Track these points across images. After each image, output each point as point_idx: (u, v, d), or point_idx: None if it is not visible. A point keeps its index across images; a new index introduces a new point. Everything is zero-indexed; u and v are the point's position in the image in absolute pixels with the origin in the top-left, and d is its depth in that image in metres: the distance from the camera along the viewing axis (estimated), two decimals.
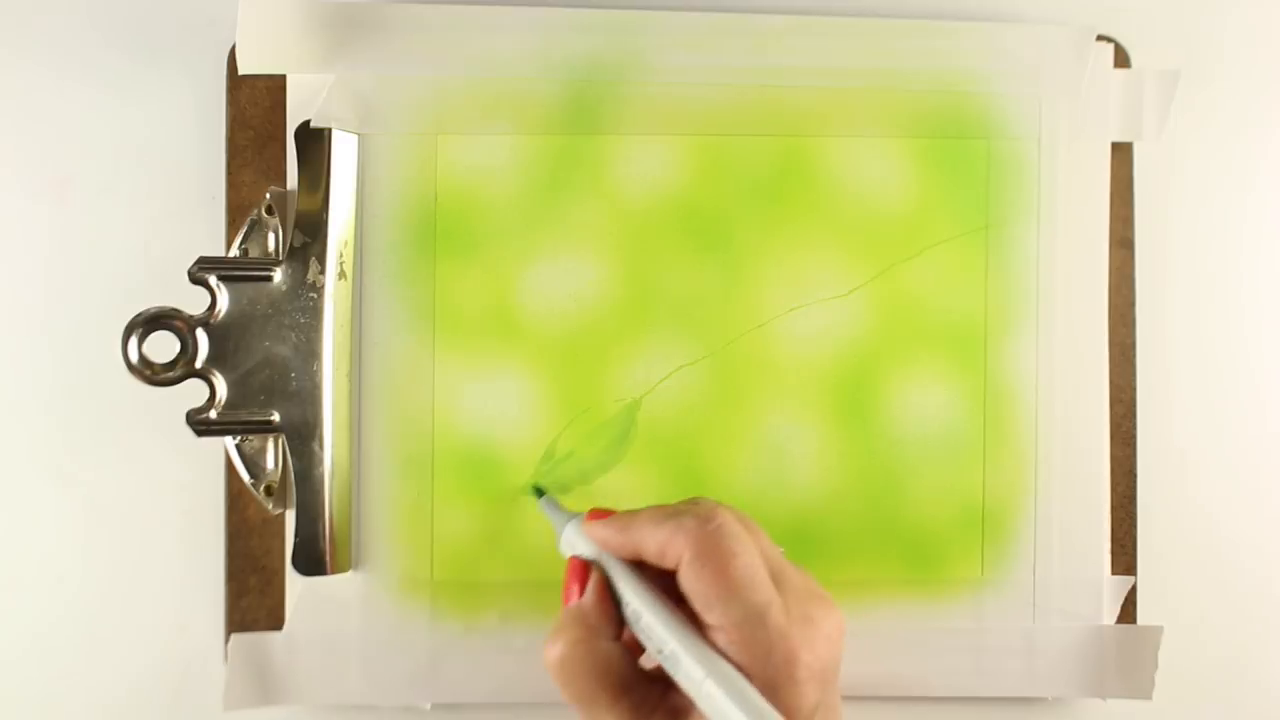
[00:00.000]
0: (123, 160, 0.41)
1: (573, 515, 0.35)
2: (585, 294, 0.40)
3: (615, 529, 0.33)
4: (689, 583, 0.31)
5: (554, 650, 0.32)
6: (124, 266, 0.41)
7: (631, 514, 0.33)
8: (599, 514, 0.34)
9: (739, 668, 0.30)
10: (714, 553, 0.31)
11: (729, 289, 0.41)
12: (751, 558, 0.31)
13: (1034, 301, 0.41)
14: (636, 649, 0.33)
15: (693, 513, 0.32)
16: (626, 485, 0.40)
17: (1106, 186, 0.42)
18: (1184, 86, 0.42)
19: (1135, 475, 0.42)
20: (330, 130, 0.39)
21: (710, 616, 0.31)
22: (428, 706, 0.40)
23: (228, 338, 0.38)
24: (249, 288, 0.39)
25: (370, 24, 0.40)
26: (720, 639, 0.31)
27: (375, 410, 0.40)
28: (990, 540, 0.41)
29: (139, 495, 0.41)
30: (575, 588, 0.33)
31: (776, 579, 0.32)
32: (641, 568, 0.33)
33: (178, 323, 0.38)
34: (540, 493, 0.39)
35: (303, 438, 0.39)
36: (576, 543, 0.34)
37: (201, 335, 0.38)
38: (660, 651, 0.31)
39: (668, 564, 0.32)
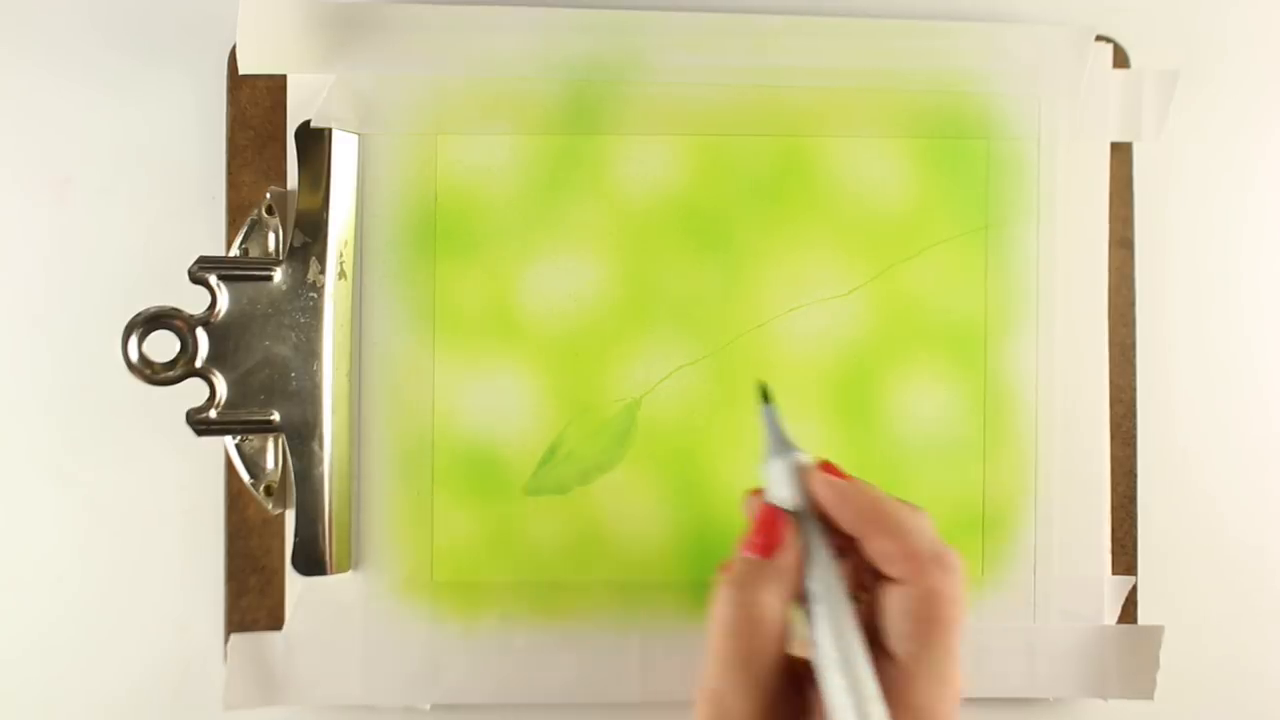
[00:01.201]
0: (123, 160, 0.41)
1: (795, 450, 0.31)
2: (585, 294, 0.40)
3: (855, 502, 0.30)
4: (897, 611, 0.29)
5: (728, 605, 0.29)
6: (124, 266, 0.41)
7: (874, 494, 0.30)
8: (832, 469, 0.31)
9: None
10: (941, 611, 0.29)
11: (729, 289, 0.41)
12: (962, 630, 0.29)
13: (1034, 301, 0.41)
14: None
15: (934, 544, 0.29)
16: (626, 485, 0.40)
17: (1106, 186, 0.42)
18: (1184, 86, 0.42)
19: (1135, 475, 0.42)
20: (330, 130, 0.39)
21: (895, 648, 0.29)
22: (428, 707, 0.40)
23: (228, 337, 0.38)
24: (249, 287, 0.39)
25: (370, 24, 0.40)
26: (889, 670, 0.29)
27: (375, 410, 0.40)
28: (990, 540, 0.41)
29: (139, 495, 0.41)
30: (762, 538, 0.30)
31: None
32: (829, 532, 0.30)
33: (178, 322, 0.38)
34: (767, 398, 0.33)
35: (303, 438, 0.39)
36: (782, 484, 0.31)
37: (201, 335, 0.38)
38: (814, 645, 0.29)
39: (882, 568, 0.29)
